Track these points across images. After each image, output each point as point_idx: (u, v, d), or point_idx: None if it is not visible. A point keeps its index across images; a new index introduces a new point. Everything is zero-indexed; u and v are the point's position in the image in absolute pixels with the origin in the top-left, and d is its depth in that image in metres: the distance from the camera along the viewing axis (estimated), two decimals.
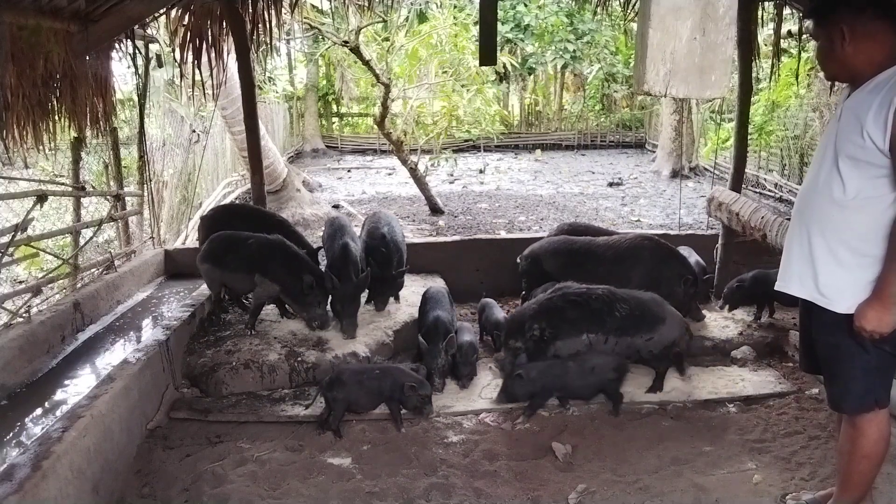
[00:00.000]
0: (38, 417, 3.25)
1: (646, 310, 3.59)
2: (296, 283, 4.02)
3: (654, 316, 3.58)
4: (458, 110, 10.05)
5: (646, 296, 3.72)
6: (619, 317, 3.53)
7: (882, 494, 2.58)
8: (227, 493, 2.75)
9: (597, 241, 4.56)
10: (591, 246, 4.50)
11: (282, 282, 4.07)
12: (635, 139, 19.16)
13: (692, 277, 4.24)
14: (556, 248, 4.58)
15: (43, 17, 3.93)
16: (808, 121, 10.07)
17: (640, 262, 4.27)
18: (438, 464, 2.98)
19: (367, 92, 18.35)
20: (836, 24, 2.13)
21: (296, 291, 4.06)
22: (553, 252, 4.54)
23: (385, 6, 7.08)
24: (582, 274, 4.19)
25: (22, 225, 3.89)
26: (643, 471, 2.90)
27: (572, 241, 4.61)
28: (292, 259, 4.13)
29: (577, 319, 3.55)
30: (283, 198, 9.98)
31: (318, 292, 4.07)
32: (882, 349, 2.15)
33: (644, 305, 3.61)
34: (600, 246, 4.47)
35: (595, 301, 3.57)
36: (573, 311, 3.57)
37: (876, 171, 2.07)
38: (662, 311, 3.62)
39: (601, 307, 3.55)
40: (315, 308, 4.11)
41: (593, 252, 4.44)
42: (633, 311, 3.55)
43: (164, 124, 8.53)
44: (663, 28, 2.80)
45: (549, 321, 3.55)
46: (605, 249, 4.42)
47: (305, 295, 4.05)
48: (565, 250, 4.53)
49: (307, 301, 4.08)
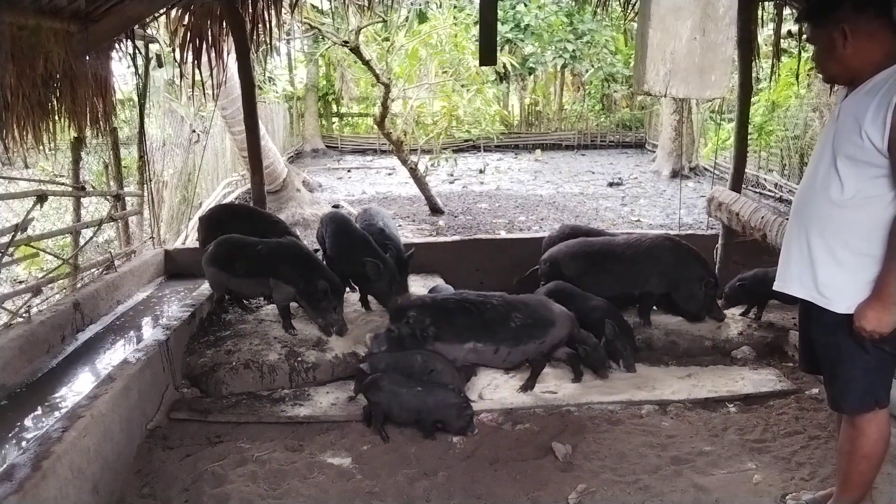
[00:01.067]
0: (38, 417, 3.25)
1: (537, 315, 3.54)
2: (310, 287, 3.99)
3: (545, 320, 3.54)
4: (458, 110, 10.05)
5: (534, 300, 3.72)
6: (514, 327, 3.44)
7: (882, 494, 2.58)
8: (227, 493, 2.74)
9: (616, 241, 4.57)
10: (611, 246, 4.51)
11: (295, 284, 4.05)
12: (635, 139, 19.17)
13: (713, 280, 4.25)
14: (575, 251, 4.58)
15: (43, 17, 3.93)
16: (808, 121, 10.07)
17: (660, 263, 4.28)
18: (438, 464, 2.98)
19: (367, 92, 18.36)
20: (837, 23, 2.11)
21: (309, 296, 4.03)
22: (572, 256, 4.54)
23: (385, 6, 7.09)
24: (602, 275, 4.25)
25: (22, 225, 3.89)
26: (643, 471, 2.90)
27: (591, 243, 4.62)
28: (306, 262, 4.12)
29: (463, 327, 3.44)
30: (283, 198, 9.99)
31: (332, 298, 4.02)
32: (882, 349, 2.15)
33: (535, 311, 3.56)
34: (619, 245, 4.47)
35: (490, 311, 3.46)
36: (462, 317, 3.46)
37: (874, 171, 2.07)
38: (552, 314, 3.59)
39: (495, 317, 3.45)
40: (331, 314, 4.05)
41: (612, 252, 4.44)
42: (527, 318, 3.48)
43: (164, 124, 8.53)
44: (663, 28, 2.80)
45: (434, 319, 3.46)
46: (624, 248, 4.41)
47: (319, 300, 4.00)
48: (583, 253, 4.53)
49: (321, 307, 4.03)
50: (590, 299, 4.17)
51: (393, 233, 4.86)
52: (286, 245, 4.24)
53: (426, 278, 5.38)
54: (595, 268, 4.42)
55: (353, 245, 4.46)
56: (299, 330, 4.18)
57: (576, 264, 4.48)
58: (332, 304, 4.02)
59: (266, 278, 4.12)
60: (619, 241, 4.55)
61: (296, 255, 4.16)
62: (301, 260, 4.13)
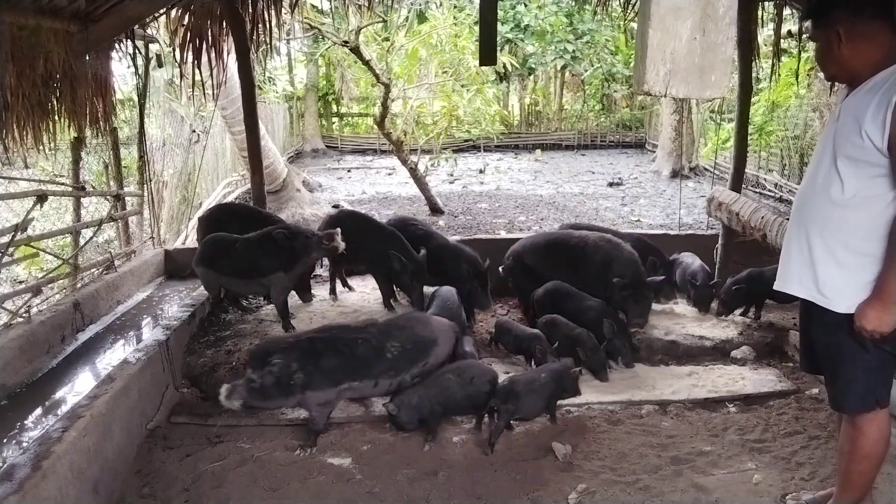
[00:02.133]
0: (38, 417, 3.25)
1: (417, 338, 3.32)
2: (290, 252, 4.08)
3: (426, 341, 3.35)
4: (458, 110, 10.05)
5: (413, 320, 3.53)
6: (392, 357, 3.18)
7: (882, 494, 2.59)
8: (227, 493, 2.75)
9: (573, 234, 4.70)
10: (564, 238, 4.69)
11: (282, 268, 4.12)
12: (635, 139, 19.16)
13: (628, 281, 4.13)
14: (534, 242, 4.75)
15: (43, 17, 3.94)
16: (808, 121, 10.06)
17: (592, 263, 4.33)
18: (438, 464, 2.98)
19: (367, 92, 18.35)
20: (832, 25, 2.13)
21: (291, 255, 4.11)
22: (532, 248, 4.69)
23: (385, 6, 7.09)
24: (556, 266, 4.42)
25: (22, 225, 3.89)
26: (643, 471, 2.90)
27: (549, 234, 4.83)
28: (282, 247, 4.13)
29: (335, 369, 3.08)
30: (283, 198, 9.99)
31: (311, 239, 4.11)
32: (882, 349, 2.15)
33: (414, 334, 3.34)
34: (574, 237, 4.59)
35: (362, 346, 3.15)
36: (333, 358, 3.09)
37: (874, 171, 2.07)
38: (432, 333, 3.40)
39: (368, 353, 3.15)
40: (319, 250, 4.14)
41: (565, 243, 4.58)
42: (405, 344, 3.24)
43: (164, 124, 8.53)
44: (663, 28, 2.81)
45: (302, 364, 3.01)
46: (577, 241, 4.52)
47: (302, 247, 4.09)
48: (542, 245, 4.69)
49: (303, 252, 4.13)
50: (585, 299, 4.17)
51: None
52: (261, 239, 4.24)
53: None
54: (550, 258, 4.54)
55: (384, 239, 4.55)
56: (299, 330, 4.18)
57: (535, 255, 4.63)
58: (314, 240, 4.10)
59: (255, 279, 4.16)
60: (576, 234, 4.67)
61: (271, 244, 4.15)
62: (275, 246, 4.13)
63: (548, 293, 4.29)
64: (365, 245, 4.52)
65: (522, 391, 3.15)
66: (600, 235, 4.50)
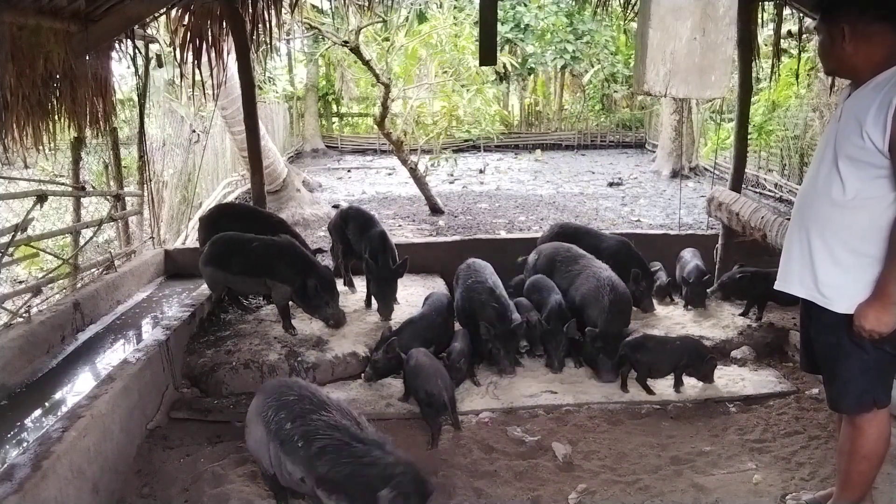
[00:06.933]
0: (38, 417, 3.25)
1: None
2: (302, 285, 4.04)
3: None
4: (458, 110, 10.04)
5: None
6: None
7: (882, 494, 2.58)
8: (227, 493, 2.74)
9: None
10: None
11: (291, 283, 4.08)
12: (635, 139, 19.15)
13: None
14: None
15: (43, 17, 3.93)
16: (808, 121, 10.05)
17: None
18: (438, 464, 2.98)
19: (367, 92, 18.33)
20: (837, 22, 2.14)
21: (303, 294, 4.08)
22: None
23: (385, 6, 7.09)
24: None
25: (22, 225, 3.89)
26: (643, 471, 2.90)
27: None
28: (300, 261, 4.15)
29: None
30: (283, 198, 9.98)
31: (324, 294, 4.10)
32: (882, 349, 2.15)
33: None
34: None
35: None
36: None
37: (875, 172, 2.08)
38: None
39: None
40: (325, 309, 4.14)
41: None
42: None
43: (164, 124, 8.52)
44: (663, 28, 2.81)
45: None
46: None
47: (311, 298, 4.07)
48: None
49: (314, 304, 4.11)
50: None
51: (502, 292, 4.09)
52: (282, 245, 4.24)
53: (426, 278, 5.38)
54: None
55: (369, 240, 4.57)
56: (299, 330, 4.19)
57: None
58: (323, 300, 4.11)
59: (262, 278, 4.14)
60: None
61: (292, 255, 4.17)
62: (296, 259, 4.15)
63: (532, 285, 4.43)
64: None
65: (653, 347, 3.57)
66: (584, 273, 4.24)
